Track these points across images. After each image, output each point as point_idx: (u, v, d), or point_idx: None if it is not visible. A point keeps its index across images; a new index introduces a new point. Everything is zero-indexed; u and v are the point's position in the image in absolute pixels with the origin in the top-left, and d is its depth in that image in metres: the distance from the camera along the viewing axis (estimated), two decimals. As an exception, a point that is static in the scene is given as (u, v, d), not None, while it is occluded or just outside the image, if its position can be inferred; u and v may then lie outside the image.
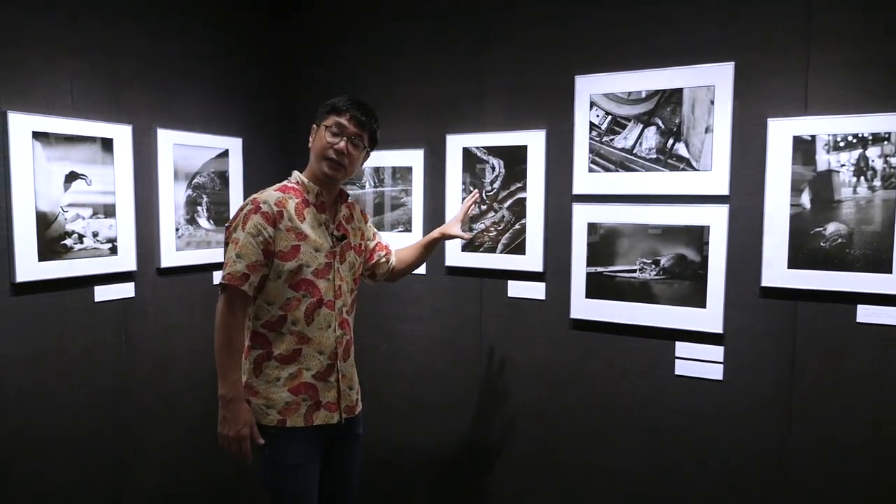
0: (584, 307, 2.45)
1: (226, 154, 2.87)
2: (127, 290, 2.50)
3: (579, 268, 2.44)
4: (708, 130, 2.20)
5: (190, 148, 2.70)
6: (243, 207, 1.88)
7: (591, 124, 2.39)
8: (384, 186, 2.90)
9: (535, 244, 2.54)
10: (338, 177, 1.95)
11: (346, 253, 2.01)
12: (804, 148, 2.07)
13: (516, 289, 2.60)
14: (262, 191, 1.93)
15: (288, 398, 1.89)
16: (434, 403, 2.84)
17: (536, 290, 2.56)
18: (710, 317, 2.23)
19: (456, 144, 2.69)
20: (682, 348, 2.30)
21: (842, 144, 2.02)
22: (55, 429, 2.29)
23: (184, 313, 2.73)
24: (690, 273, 2.26)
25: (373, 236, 2.23)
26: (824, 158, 2.05)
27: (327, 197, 1.99)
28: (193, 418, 2.77)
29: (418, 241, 2.34)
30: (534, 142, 2.51)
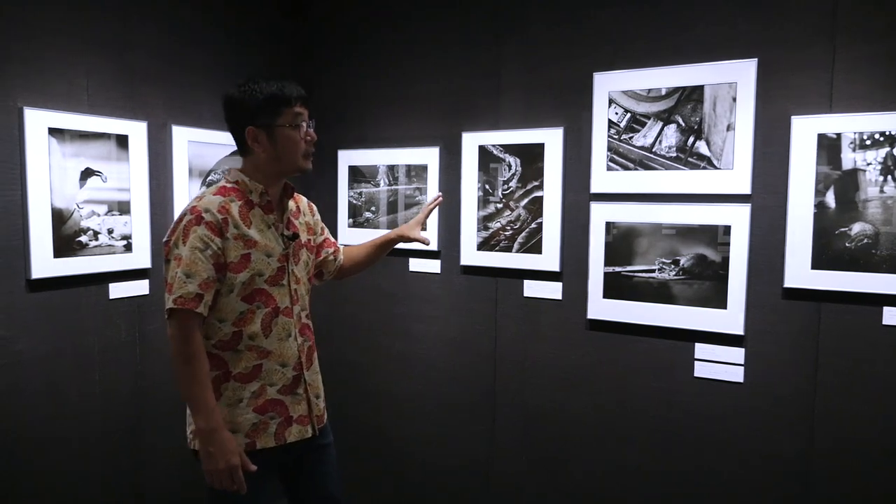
0: (601, 307, 2.41)
1: (240, 151, 2.86)
2: (142, 287, 2.49)
3: (597, 267, 2.41)
4: (730, 128, 2.16)
5: (205, 145, 2.69)
6: (182, 218, 1.67)
7: (610, 122, 2.35)
8: (398, 184, 2.88)
9: (551, 243, 2.51)
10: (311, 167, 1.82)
11: (298, 252, 1.85)
12: (829, 146, 2.02)
13: (532, 288, 2.57)
14: (201, 196, 1.72)
15: (254, 419, 1.72)
16: (448, 404, 2.82)
17: (553, 290, 2.53)
18: (730, 318, 2.19)
19: (472, 142, 2.66)
20: (701, 350, 2.26)
21: (868, 142, 1.97)
22: (70, 426, 2.29)
23: (198, 311, 2.72)
24: (711, 273, 2.22)
25: (321, 230, 2.05)
26: (850, 157, 2.00)
27: (273, 194, 1.80)
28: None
29: (372, 239, 2.17)
30: (551, 140, 2.48)
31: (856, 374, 2.05)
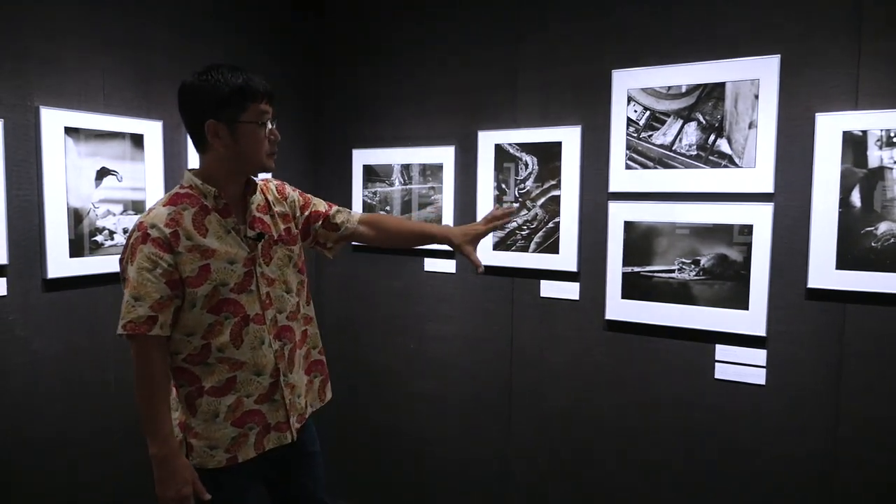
0: (619, 308, 2.38)
1: (255, 151, 2.84)
2: (156, 287, 2.48)
3: (615, 267, 2.38)
4: (752, 126, 2.12)
5: (219, 144, 2.68)
6: (131, 235, 1.57)
7: (629, 120, 2.32)
8: (412, 184, 2.86)
9: (568, 243, 2.48)
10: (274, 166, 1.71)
11: (269, 251, 1.72)
12: (855, 144, 1.98)
13: (549, 288, 2.54)
14: (150, 209, 1.61)
15: (233, 433, 1.64)
16: (464, 403, 2.79)
17: (570, 290, 2.50)
18: (752, 319, 2.15)
19: (488, 141, 2.63)
20: (722, 351, 2.22)
21: (895, 140, 1.93)
22: (86, 424, 2.28)
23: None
24: (732, 273, 2.18)
25: (302, 208, 1.87)
26: (876, 155, 1.96)
27: (230, 195, 1.66)
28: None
29: (419, 223, 1.97)
30: (569, 138, 2.45)
31: (881, 376, 2.00)
